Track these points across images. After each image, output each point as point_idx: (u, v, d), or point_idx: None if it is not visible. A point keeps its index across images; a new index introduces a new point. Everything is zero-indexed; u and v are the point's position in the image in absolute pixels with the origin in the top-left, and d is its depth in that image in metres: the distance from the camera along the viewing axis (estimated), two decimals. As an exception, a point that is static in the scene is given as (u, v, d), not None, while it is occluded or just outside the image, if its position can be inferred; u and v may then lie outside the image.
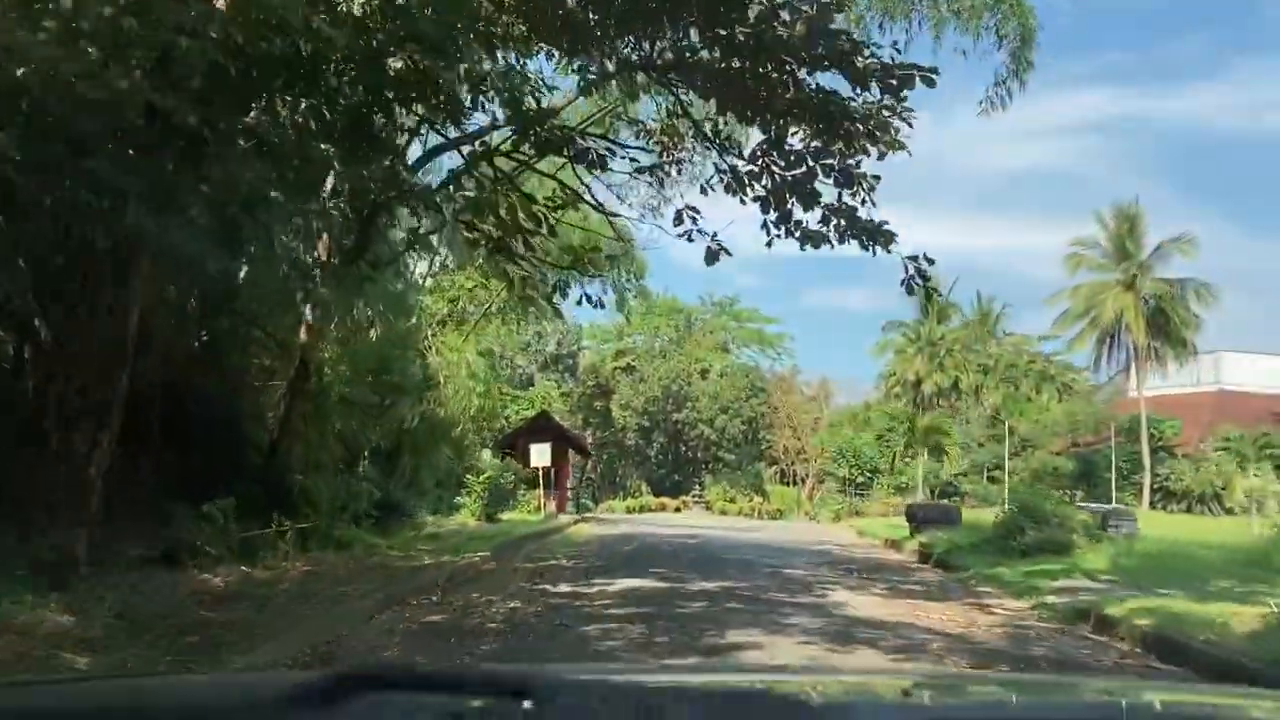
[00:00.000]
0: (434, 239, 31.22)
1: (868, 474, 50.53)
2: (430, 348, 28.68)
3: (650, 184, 22.01)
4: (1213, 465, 48.66)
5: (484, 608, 12.47)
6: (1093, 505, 37.94)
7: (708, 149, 17.92)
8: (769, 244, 16.39)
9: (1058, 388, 57.21)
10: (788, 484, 75.08)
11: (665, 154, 17.77)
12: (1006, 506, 20.87)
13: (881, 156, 15.67)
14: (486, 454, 35.31)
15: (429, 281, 32.72)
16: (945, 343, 55.48)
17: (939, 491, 54.55)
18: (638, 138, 18.45)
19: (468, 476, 27.89)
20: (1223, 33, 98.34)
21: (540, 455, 30.18)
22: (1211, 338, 49.90)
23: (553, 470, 38.31)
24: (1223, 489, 47.74)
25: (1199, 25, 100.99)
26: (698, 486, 68.13)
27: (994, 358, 56.96)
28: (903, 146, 15.51)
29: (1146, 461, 47.12)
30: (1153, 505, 47.86)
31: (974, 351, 56.84)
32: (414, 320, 28.74)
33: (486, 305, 30.86)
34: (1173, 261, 46.80)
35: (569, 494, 43.09)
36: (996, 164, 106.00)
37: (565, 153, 15.39)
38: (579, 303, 33.71)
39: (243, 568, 13.86)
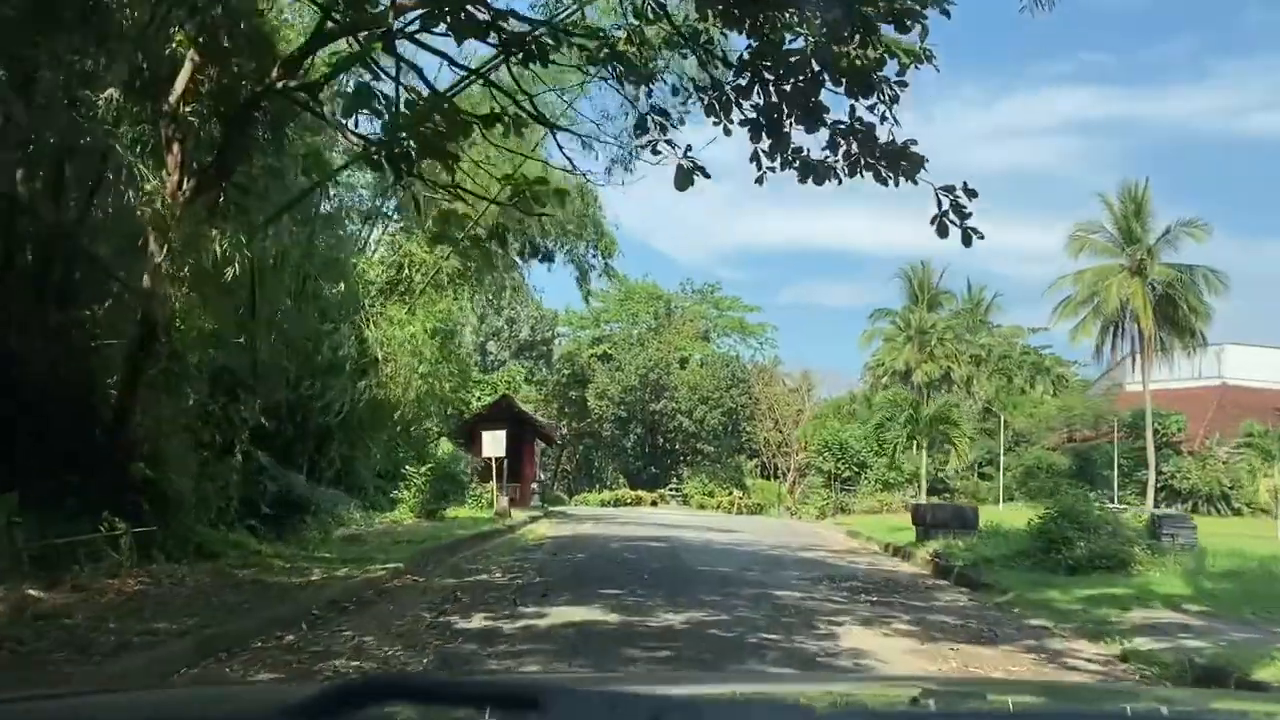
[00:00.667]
0: (374, 198, 27.29)
1: (854, 468, 46.63)
2: (369, 322, 24.57)
3: (613, 142, 17.97)
4: (1219, 463, 45.04)
5: (349, 656, 8.46)
6: (1113, 507, 34.19)
7: (683, 55, 13.98)
8: (759, 179, 12.57)
9: (1053, 380, 53.49)
10: (768, 477, 71.20)
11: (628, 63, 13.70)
12: (1044, 509, 16.95)
13: (903, 70, 11.97)
14: (446, 444, 31.27)
15: (379, 250, 28.65)
16: (936, 331, 51.66)
17: (929, 488, 50.78)
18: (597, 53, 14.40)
19: (406, 468, 23.79)
20: (1205, 35, 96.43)
21: (493, 444, 26.11)
22: (1211, 331, 46.19)
23: (512, 461, 34.27)
24: (1231, 488, 44.09)
25: (1181, 28, 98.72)
26: (675, 479, 64.10)
27: (986, 348, 53.16)
28: (931, 57, 11.90)
29: (1151, 458, 43.42)
30: (1157, 504, 44.16)
31: (965, 341, 53.02)
32: (347, 287, 24.66)
33: (433, 271, 26.74)
34: (1183, 248, 43.08)
35: (534, 487, 39.03)
36: (976, 163, 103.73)
37: (491, 38, 11.32)
38: (523, 254, 29.82)
39: (30, 590, 9.80)
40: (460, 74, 13.32)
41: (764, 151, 12.33)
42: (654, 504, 63.36)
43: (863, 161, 12.20)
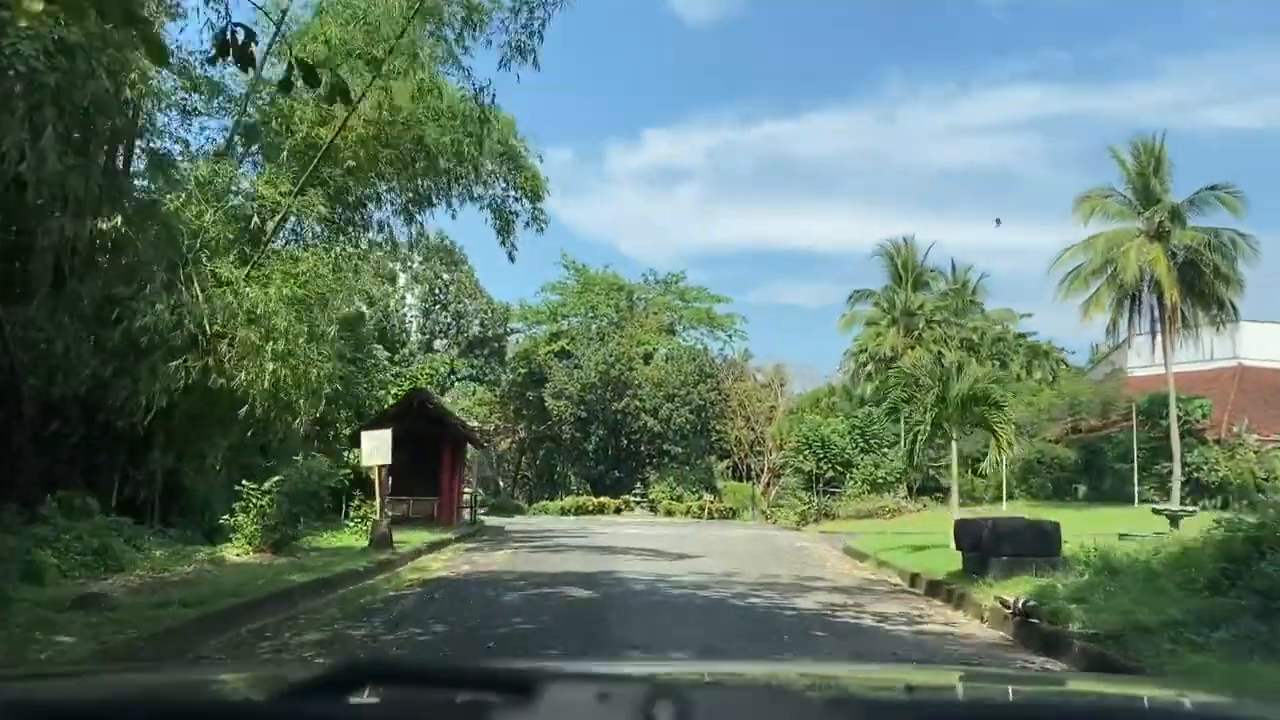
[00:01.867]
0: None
1: (838, 468, 39.56)
2: (194, 285, 17.22)
3: None
4: (1250, 452, 38.25)
5: None
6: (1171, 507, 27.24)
7: None
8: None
9: (1052, 365, 46.63)
10: (741, 479, 64.11)
11: None
12: (1219, 518, 9.90)
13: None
14: (336, 453, 23.96)
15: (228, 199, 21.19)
16: (924, 313, 44.67)
17: (917, 487, 43.75)
18: None
19: (243, 484, 16.40)
20: (1152, 32, 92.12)
21: (375, 448, 18.72)
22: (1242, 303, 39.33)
23: (423, 470, 26.92)
24: (1266, 479, 37.28)
25: (1130, 25, 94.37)
26: (641, 484, 56.85)
27: (979, 331, 46.20)
28: None
29: (1176, 449, 36.57)
30: (1183, 500, 37.32)
31: (955, 324, 46.03)
32: (169, 240, 17.29)
33: (284, 215, 19.47)
34: (1214, 218, 36.24)
35: (467, 498, 31.71)
36: (936, 161, 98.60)
37: None
38: (415, 204, 22.43)
39: None
40: None
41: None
42: (618, 511, 56.15)
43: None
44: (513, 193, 22.14)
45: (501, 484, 72.50)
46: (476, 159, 21.13)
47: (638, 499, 54.81)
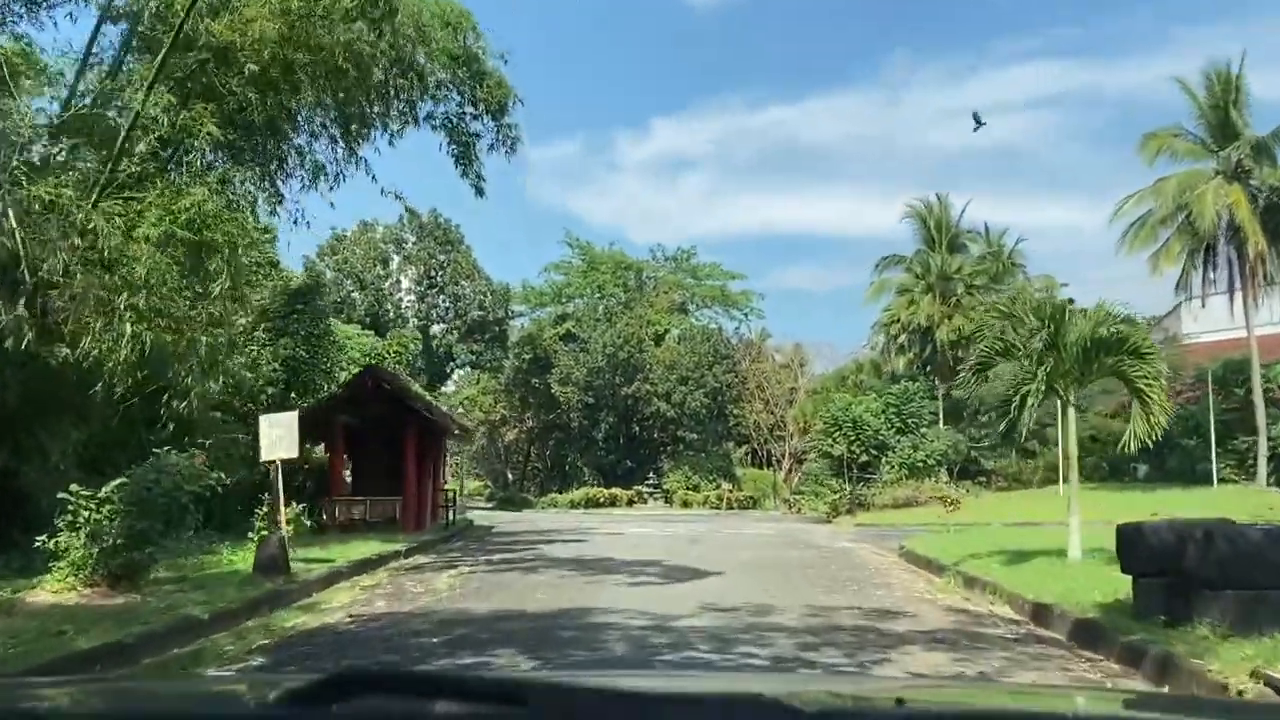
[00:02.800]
0: None
1: (872, 451, 34.18)
2: (13, 215, 12.08)
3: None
4: (1345, 423, 32.70)
5: None
6: None
7: None
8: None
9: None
10: (761, 465, 58.81)
11: None
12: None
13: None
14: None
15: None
16: (962, 277, 39.15)
17: (957, 469, 38.32)
18: None
19: (74, 493, 11.21)
20: (1164, 4, 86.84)
21: (278, 438, 13.45)
22: None
23: (381, 462, 21.72)
24: (1367, 455, 31.76)
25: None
26: (654, 473, 51.59)
27: (1020, 297, 40.57)
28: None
29: (1261, 421, 31.07)
30: (1270, 481, 31.84)
31: (995, 290, 40.46)
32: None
33: (170, 139, 14.29)
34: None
35: (447, 496, 26.49)
36: (944, 142, 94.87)
37: None
38: (345, 128, 16.77)
39: None
40: None
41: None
42: (630, 503, 50.93)
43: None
44: (470, 108, 16.83)
45: (510, 476, 67.45)
46: (421, 64, 15.85)
47: (651, 489, 49.60)
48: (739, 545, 20.03)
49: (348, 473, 23.31)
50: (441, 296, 51.80)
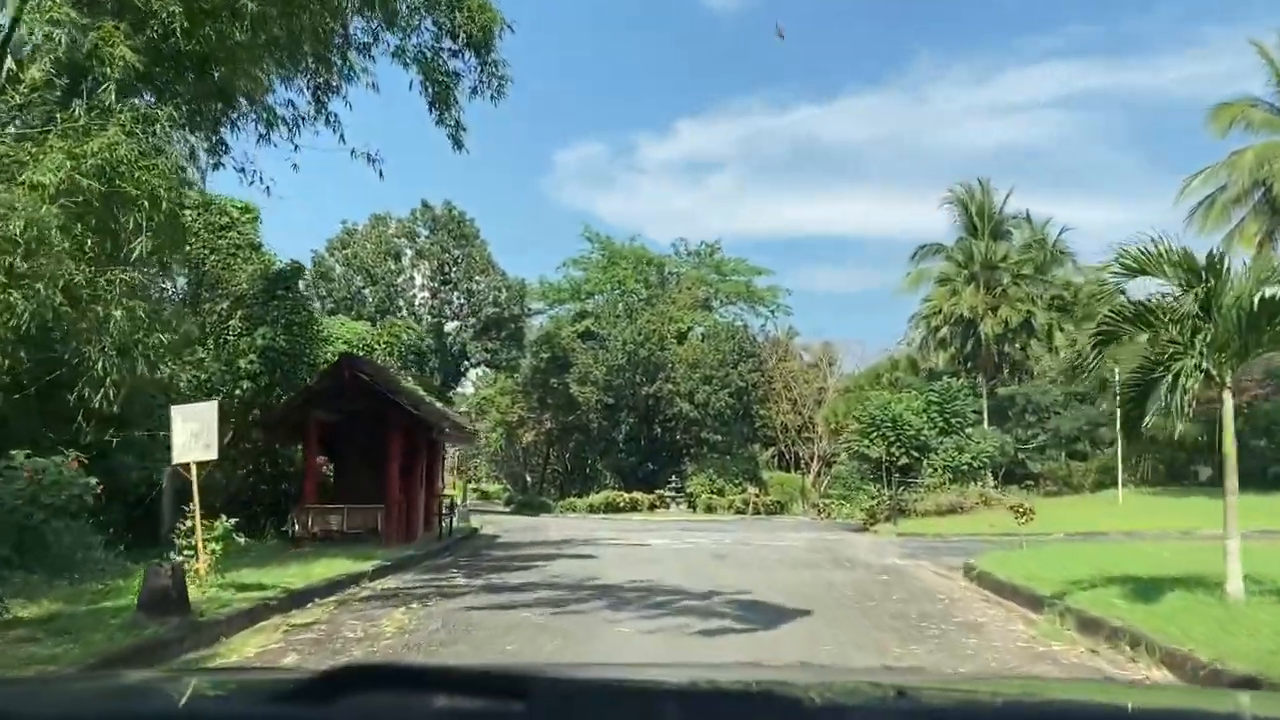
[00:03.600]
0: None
1: (913, 453, 30.80)
2: None
3: None
4: None
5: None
6: None
7: None
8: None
9: (1161, 326, 37.38)
10: (787, 468, 55.48)
11: None
12: None
13: None
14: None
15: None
16: (1009, 265, 35.70)
17: (1003, 471, 34.88)
18: None
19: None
20: (1187, 3, 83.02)
21: (194, 435, 10.40)
22: None
23: (359, 465, 18.63)
24: None
25: None
26: (677, 476, 48.36)
27: (1071, 288, 37.14)
28: None
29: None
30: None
31: (1042, 281, 37.04)
32: None
33: (79, 69, 11.27)
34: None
35: (447, 503, 23.38)
36: (969, 142, 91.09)
37: None
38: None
39: None
40: None
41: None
42: (652, 507, 47.75)
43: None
44: (448, 41, 13.68)
45: (529, 480, 64.46)
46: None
47: (673, 493, 46.38)
48: (772, 563, 16.79)
49: (330, 475, 20.30)
50: (455, 293, 48.83)
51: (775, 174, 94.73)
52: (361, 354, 22.20)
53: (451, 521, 22.31)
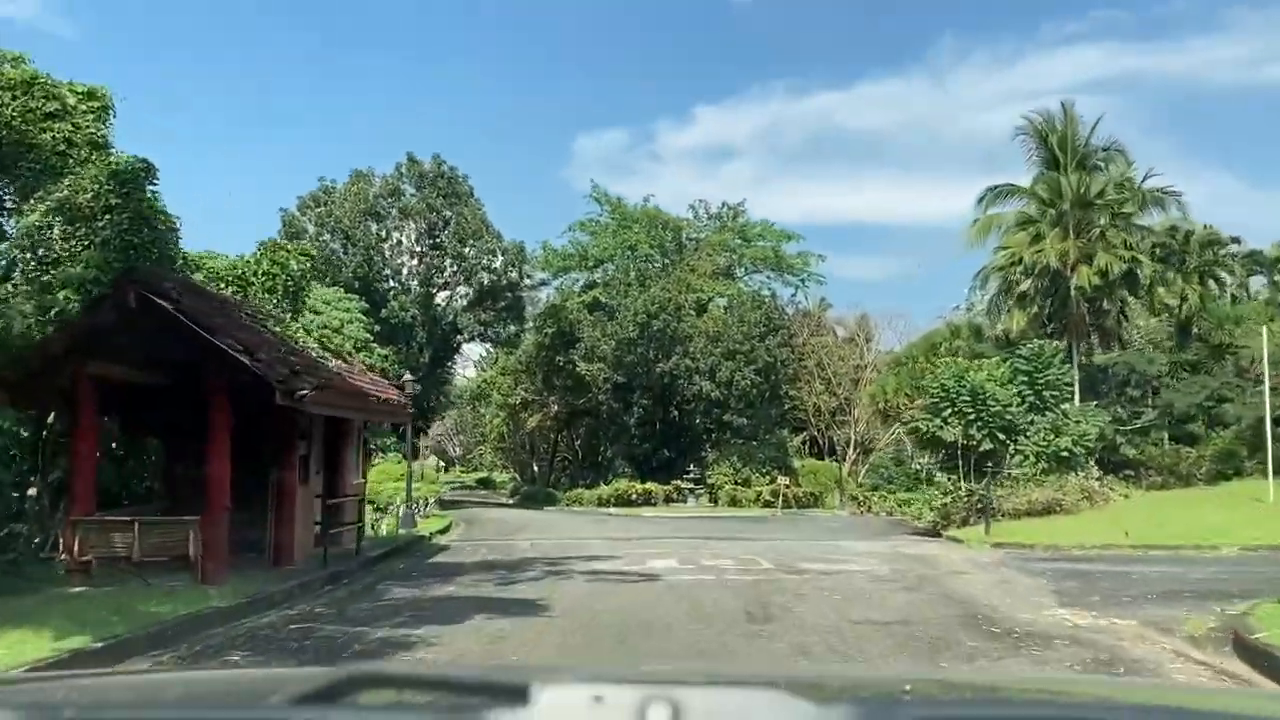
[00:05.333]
0: None
1: (999, 435, 22.87)
2: None
3: None
4: None
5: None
6: None
7: None
8: None
9: (1289, 281, 29.43)
10: (820, 456, 47.65)
11: None
12: None
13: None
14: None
15: None
16: (1108, 203, 27.63)
17: (1096, 459, 26.85)
18: None
19: None
20: None
21: None
22: None
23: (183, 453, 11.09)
24: None
25: None
26: (697, 465, 40.48)
27: (1177, 234, 29.05)
28: None
29: None
30: None
31: (1140, 229, 28.96)
32: None
33: None
34: None
35: (348, 505, 15.73)
36: (993, 127, 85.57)
37: None
38: None
39: None
40: None
41: None
42: (668, 500, 40.06)
43: None
44: None
45: (537, 469, 56.89)
46: None
47: (692, 484, 38.63)
48: (849, 610, 9.17)
49: (165, 467, 12.71)
50: (446, 258, 41.25)
51: (795, 161, 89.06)
52: (237, 291, 14.57)
53: (360, 532, 14.62)
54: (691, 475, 38.75)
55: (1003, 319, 29.49)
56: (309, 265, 14.85)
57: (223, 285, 14.64)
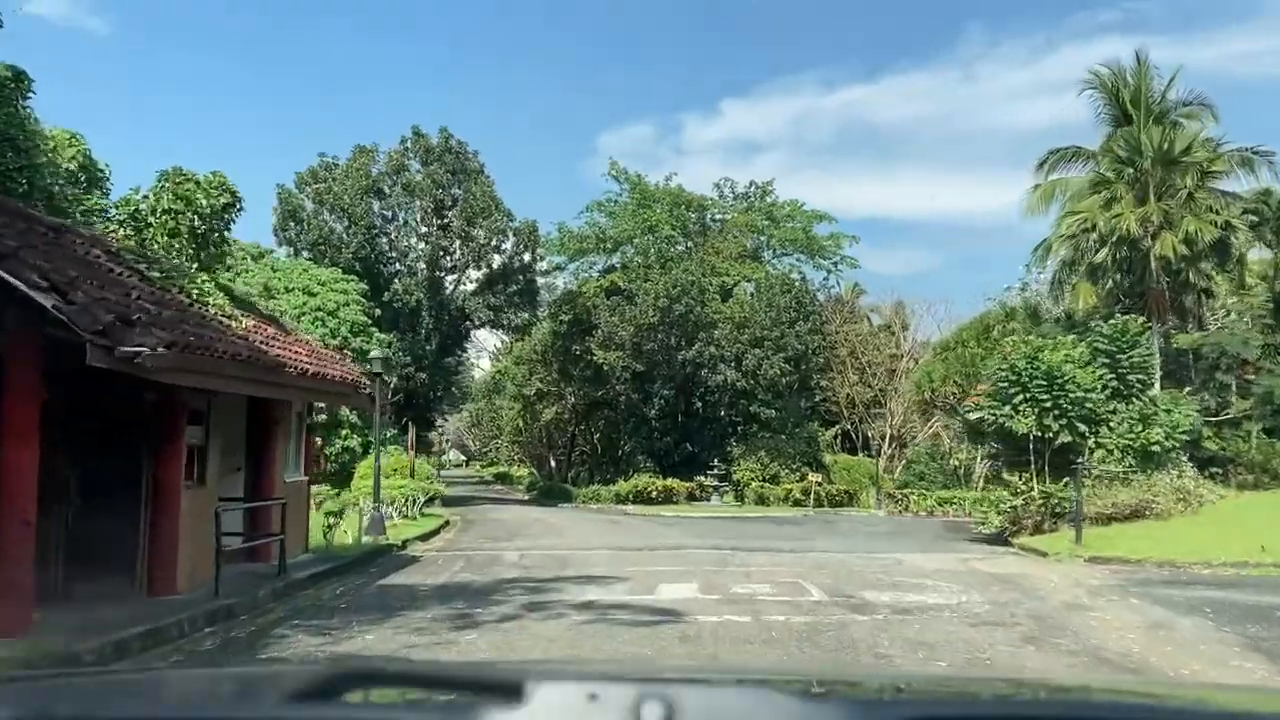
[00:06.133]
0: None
1: (1080, 428, 18.96)
2: None
3: None
4: None
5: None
6: None
7: None
8: None
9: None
10: (853, 451, 43.81)
11: None
12: None
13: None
14: None
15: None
16: (1195, 161, 23.58)
17: (1176, 452, 22.85)
18: None
19: None
20: None
21: None
22: None
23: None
24: None
25: None
26: (721, 460, 36.78)
27: (1266, 204, 24.97)
28: None
29: None
30: None
31: (1229, 196, 24.91)
32: None
33: None
34: None
35: (263, 514, 12.24)
36: (1022, 120, 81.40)
37: None
38: None
39: None
40: None
41: None
42: (691, 498, 36.44)
43: None
44: None
45: (554, 463, 53.37)
46: None
47: (717, 481, 34.91)
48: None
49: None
50: (454, 239, 37.73)
51: (824, 154, 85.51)
52: (130, 236, 11.00)
53: (283, 546, 11.02)
54: (715, 471, 35.01)
55: (1068, 296, 25.49)
56: (230, 202, 11.24)
57: (114, 228, 11.07)
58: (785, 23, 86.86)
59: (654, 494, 35.13)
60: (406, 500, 21.11)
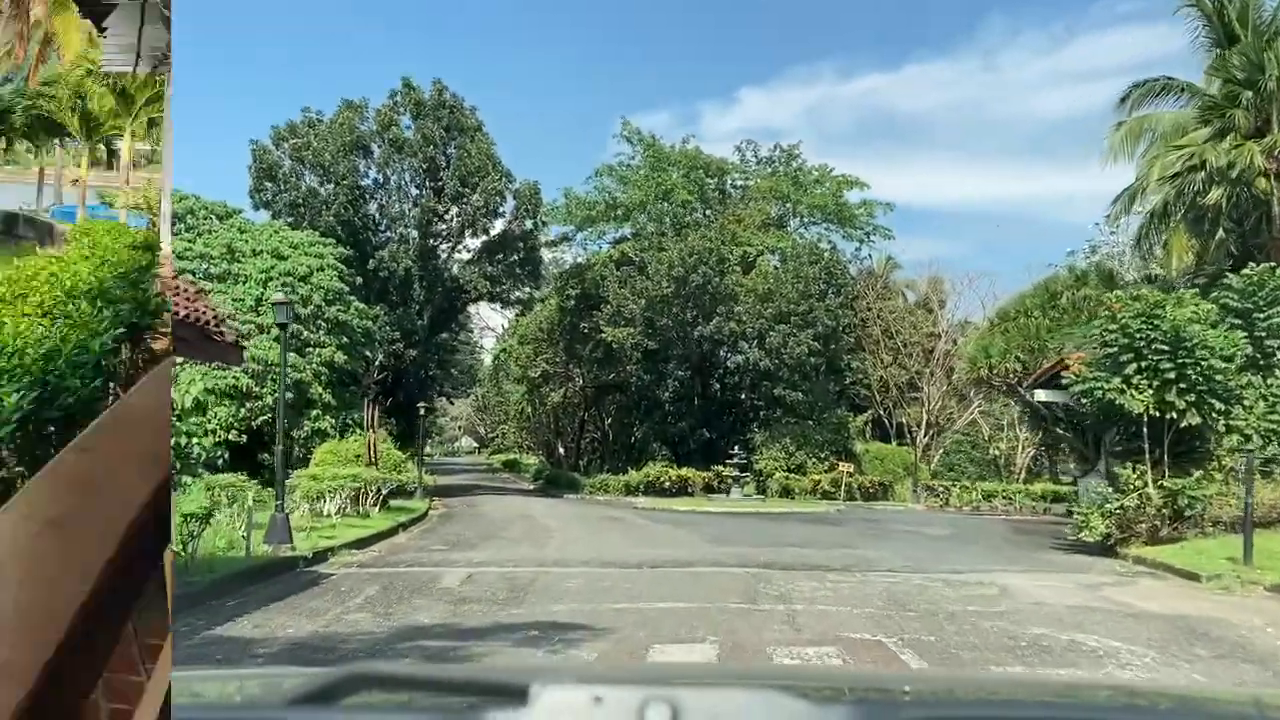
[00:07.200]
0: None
1: (1214, 407, 14.24)
2: None
3: None
4: None
5: None
6: None
7: None
8: None
9: None
10: (886, 439, 39.15)
11: None
12: None
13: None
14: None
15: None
16: (1334, 80, 18.61)
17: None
18: None
19: None
20: None
21: None
22: None
23: None
24: None
25: None
26: (742, 448, 32.14)
27: None
28: None
29: None
30: None
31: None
32: None
33: None
34: None
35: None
36: (1042, 109, 79.07)
37: None
38: None
39: None
40: None
41: None
42: (708, 490, 31.93)
43: None
44: None
45: (562, 450, 49.02)
46: None
47: (736, 471, 30.35)
48: None
49: None
50: (448, 202, 33.23)
51: (842, 143, 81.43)
52: None
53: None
54: (735, 460, 30.46)
55: (1159, 253, 20.66)
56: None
57: None
58: (804, 10, 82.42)
59: (667, 485, 30.70)
60: (357, 494, 16.69)
